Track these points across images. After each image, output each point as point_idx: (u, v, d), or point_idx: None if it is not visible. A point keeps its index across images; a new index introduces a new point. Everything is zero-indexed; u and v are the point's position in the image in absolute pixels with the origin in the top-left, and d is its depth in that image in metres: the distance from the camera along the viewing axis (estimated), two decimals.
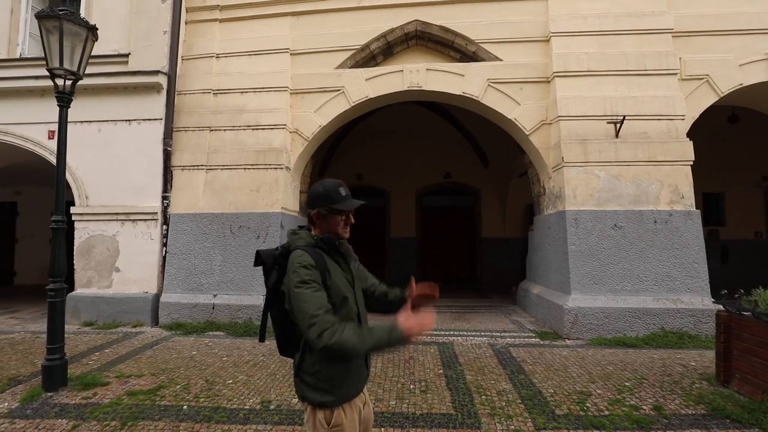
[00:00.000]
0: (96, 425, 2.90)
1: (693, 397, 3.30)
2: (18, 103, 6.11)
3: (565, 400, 3.28)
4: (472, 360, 4.28)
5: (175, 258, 5.89)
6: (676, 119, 5.31)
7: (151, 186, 5.95)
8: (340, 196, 1.52)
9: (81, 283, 5.92)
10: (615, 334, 4.91)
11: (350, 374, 1.46)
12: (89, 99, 5.88)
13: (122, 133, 6.02)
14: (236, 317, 5.61)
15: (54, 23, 3.40)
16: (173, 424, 2.92)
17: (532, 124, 5.76)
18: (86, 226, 5.96)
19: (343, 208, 1.51)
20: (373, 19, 6.10)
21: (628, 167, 5.25)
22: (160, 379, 3.75)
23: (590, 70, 5.50)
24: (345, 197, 1.53)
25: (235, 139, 6.07)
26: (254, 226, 5.83)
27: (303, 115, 6.17)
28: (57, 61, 3.49)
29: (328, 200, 1.50)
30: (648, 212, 5.15)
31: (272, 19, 6.30)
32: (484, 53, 5.93)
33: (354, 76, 6.09)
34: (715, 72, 5.45)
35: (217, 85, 6.23)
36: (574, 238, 5.19)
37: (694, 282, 5.02)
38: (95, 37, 3.73)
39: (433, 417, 3.02)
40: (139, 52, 6.03)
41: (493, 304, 7.65)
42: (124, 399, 3.31)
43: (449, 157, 11.15)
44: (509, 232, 11.02)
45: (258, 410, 3.12)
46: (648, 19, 5.54)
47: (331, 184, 1.53)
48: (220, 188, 5.99)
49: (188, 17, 6.39)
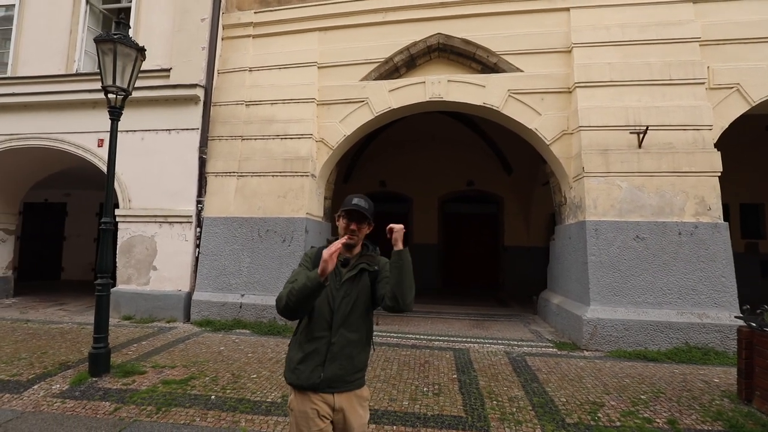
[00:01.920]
0: (134, 409, 3.20)
1: (711, 413, 3.25)
2: (72, 113, 6.72)
3: (577, 409, 3.31)
4: (486, 367, 4.35)
5: (207, 259, 6.27)
6: (703, 129, 5.20)
7: (187, 191, 6.38)
8: (347, 202, 1.72)
9: (122, 279, 6.40)
10: (635, 347, 4.84)
11: (298, 361, 1.63)
12: (134, 110, 6.38)
13: (162, 141, 6.49)
14: (261, 316, 5.90)
15: (110, 46, 3.81)
16: (202, 411, 3.17)
17: (553, 134, 5.79)
18: (128, 227, 6.45)
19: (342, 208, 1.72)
20: (397, 33, 6.32)
21: (651, 178, 5.19)
22: (191, 370, 4.04)
23: (613, 80, 5.48)
24: (348, 203, 1.71)
25: (265, 147, 6.43)
26: (281, 230, 6.13)
27: (328, 125, 6.46)
28: (110, 79, 3.89)
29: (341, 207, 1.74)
30: (672, 224, 5.06)
31: (301, 34, 6.65)
32: (505, 64, 6.02)
33: (378, 87, 6.33)
34: (746, 81, 5.31)
35: (249, 96, 6.62)
36: (594, 248, 5.17)
37: (722, 296, 4.88)
38: (143, 56, 4.13)
39: (444, 418, 3.13)
40: (179, 66, 6.51)
41: (513, 313, 7.63)
42: (159, 387, 3.61)
43: (472, 164, 11.19)
44: (532, 240, 10.91)
45: (279, 403, 3.33)
46: (674, 29, 5.48)
47: (351, 195, 1.75)
48: (250, 194, 6.35)
49: (224, 34, 6.84)
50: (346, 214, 1.70)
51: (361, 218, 1.70)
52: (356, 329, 1.67)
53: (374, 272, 1.73)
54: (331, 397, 1.61)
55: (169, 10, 6.71)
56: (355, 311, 1.67)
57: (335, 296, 1.66)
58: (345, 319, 1.65)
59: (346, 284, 1.68)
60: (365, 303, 1.70)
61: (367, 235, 1.78)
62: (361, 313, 1.69)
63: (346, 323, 1.65)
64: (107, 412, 3.14)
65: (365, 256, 1.76)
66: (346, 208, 1.70)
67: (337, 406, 1.62)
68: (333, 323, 1.64)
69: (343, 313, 1.65)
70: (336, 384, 1.62)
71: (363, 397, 1.72)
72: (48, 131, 6.75)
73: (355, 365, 1.66)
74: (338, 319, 1.64)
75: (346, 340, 1.64)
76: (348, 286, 1.68)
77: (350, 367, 1.64)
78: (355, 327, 1.67)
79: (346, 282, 1.68)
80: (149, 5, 6.82)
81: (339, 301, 1.65)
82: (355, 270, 1.70)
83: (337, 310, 1.64)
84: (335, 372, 1.61)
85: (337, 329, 1.63)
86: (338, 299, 1.66)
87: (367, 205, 1.71)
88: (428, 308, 7.87)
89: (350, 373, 1.65)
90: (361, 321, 1.69)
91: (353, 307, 1.67)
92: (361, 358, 1.69)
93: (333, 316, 1.64)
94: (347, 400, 1.64)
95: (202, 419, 3.05)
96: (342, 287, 1.67)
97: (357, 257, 1.75)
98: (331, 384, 1.61)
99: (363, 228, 1.72)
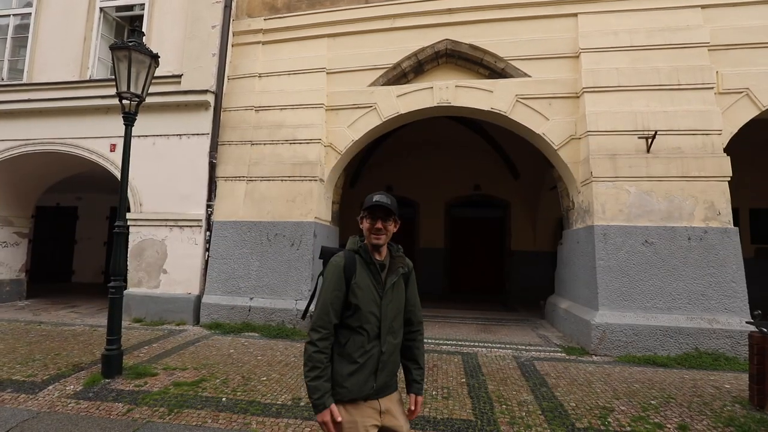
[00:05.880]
0: (147, 410, 3.24)
1: (723, 419, 3.22)
2: (85, 119, 6.86)
3: (587, 414, 3.30)
4: (495, 371, 4.35)
5: (216, 262, 6.34)
6: (712, 134, 5.19)
7: (197, 195, 6.46)
8: (368, 201, 1.60)
9: (133, 282, 6.48)
10: (645, 352, 4.81)
11: (349, 374, 1.55)
12: (146, 116, 6.44)
13: (173, 146, 6.60)
14: (270, 320, 5.95)
15: (124, 53, 3.91)
16: (213, 413, 3.21)
17: (561, 139, 5.80)
18: (139, 230, 6.55)
19: (363, 207, 1.60)
20: (405, 39, 6.39)
21: (660, 183, 5.17)
22: (201, 373, 4.09)
23: (621, 85, 5.49)
24: (369, 201, 1.60)
25: (274, 152, 6.50)
26: (289, 234, 6.19)
27: (337, 130, 6.52)
28: (125, 85, 3.98)
29: (362, 207, 1.63)
30: (681, 229, 5.04)
31: (310, 40, 6.74)
32: (513, 70, 6.06)
33: (385, 93, 6.39)
34: (756, 85, 5.30)
35: (259, 102, 6.71)
36: (603, 253, 5.16)
37: (732, 302, 4.84)
38: (157, 63, 4.22)
39: (454, 422, 3.13)
40: (190, 72, 6.62)
41: (521, 318, 7.60)
42: (171, 389, 3.65)
43: (479, 169, 11.21)
44: (540, 245, 10.88)
45: (289, 406, 3.36)
46: (682, 34, 5.48)
47: (371, 194, 1.64)
48: (259, 198, 6.42)
49: (234, 40, 6.95)
50: (370, 213, 1.58)
51: (386, 214, 1.59)
52: (398, 334, 1.67)
53: (406, 273, 1.71)
54: (377, 402, 1.60)
55: (181, 17, 6.83)
56: (398, 317, 1.66)
57: (381, 305, 1.59)
58: (391, 327, 1.62)
59: (389, 291, 1.62)
60: (403, 307, 1.69)
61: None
62: (401, 318, 1.68)
63: (391, 330, 1.62)
64: (120, 413, 3.19)
65: (397, 258, 1.69)
66: (368, 206, 1.58)
67: (384, 408, 1.60)
68: (381, 332, 1.59)
69: (389, 321, 1.61)
70: (384, 390, 1.62)
71: (400, 398, 1.73)
72: (62, 136, 6.89)
73: (396, 369, 1.68)
74: (385, 327, 1.59)
75: (393, 347, 1.63)
76: (390, 293, 1.62)
77: (394, 372, 1.66)
78: (398, 332, 1.66)
79: (389, 289, 1.62)
80: (161, 13, 6.96)
81: (385, 309, 1.60)
82: (396, 275, 1.64)
83: (384, 318, 1.59)
84: (384, 380, 1.60)
85: (385, 337, 1.59)
86: (384, 307, 1.60)
87: (390, 200, 1.60)
88: (435, 312, 7.87)
89: (393, 376, 1.66)
90: (400, 326, 1.68)
91: (397, 314, 1.65)
92: (399, 361, 1.71)
93: (380, 324, 1.59)
94: (391, 402, 1.64)
95: (213, 421, 3.08)
96: (386, 295, 1.61)
97: (389, 260, 1.67)
98: (380, 391, 1.60)
99: (389, 226, 1.60)
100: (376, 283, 1.60)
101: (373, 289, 1.59)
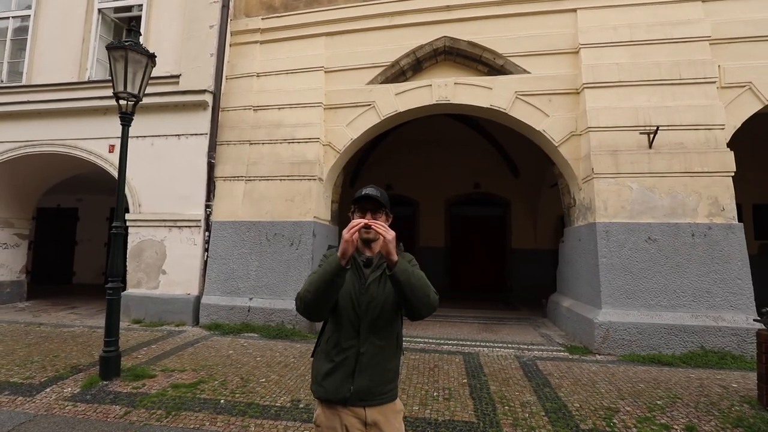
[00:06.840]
0: (144, 413, 3.20)
1: (731, 419, 3.16)
2: (84, 120, 6.84)
3: (591, 414, 3.25)
4: (497, 371, 4.29)
5: (216, 262, 6.30)
6: (715, 129, 5.12)
7: (196, 195, 6.42)
8: (357, 193, 1.56)
9: (132, 283, 6.45)
10: (649, 350, 4.75)
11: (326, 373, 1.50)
12: (144, 116, 6.44)
13: (171, 146, 6.56)
14: (270, 320, 5.90)
15: (121, 53, 3.87)
16: (211, 416, 3.17)
17: (561, 136, 5.74)
18: (138, 231, 6.52)
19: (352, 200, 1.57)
20: (403, 37, 6.34)
21: (662, 178, 5.11)
22: (200, 374, 4.05)
23: (621, 80, 5.43)
24: (358, 194, 1.55)
25: (272, 151, 6.46)
26: (288, 233, 6.15)
27: (335, 129, 6.48)
28: (122, 85, 3.95)
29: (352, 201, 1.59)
30: (685, 225, 4.98)
31: (308, 39, 6.69)
32: (512, 66, 6.00)
33: (384, 91, 6.34)
34: (759, 79, 5.22)
35: (257, 101, 6.67)
36: (605, 250, 5.10)
37: (738, 299, 4.77)
38: (154, 63, 4.18)
39: (455, 424, 3.08)
40: (188, 73, 6.59)
41: (522, 317, 7.54)
42: (169, 391, 3.61)
43: (479, 167, 11.16)
44: (541, 243, 10.82)
45: (288, 408, 3.31)
46: (683, 28, 5.42)
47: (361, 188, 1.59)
48: (258, 198, 6.38)
49: (232, 40, 6.91)
50: (359, 206, 1.53)
51: (375, 207, 1.53)
52: (385, 335, 1.52)
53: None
54: (362, 411, 1.48)
55: (179, 17, 6.80)
56: (384, 316, 1.51)
57: (360, 301, 1.50)
58: (373, 325, 1.50)
59: (372, 287, 1.52)
60: (393, 306, 1.51)
61: None
62: (390, 318, 1.53)
63: (374, 330, 1.50)
64: (118, 416, 3.15)
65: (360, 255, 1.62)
66: (356, 198, 1.54)
67: (370, 420, 1.47)
68: (360, 330, 1.49)
69: (371, 319, 1.49)
70: (367, 397, 1.48)
71: (398, 410, 1.57)
72: (61, 138, 6.87)
73: (387, 376, 1.52)
74: (366, 325, 1.49)
75: (376, 348, 1.50)
76: (374, 288, 1.51)
77: (381, 378, 1.50)
78: (384, 333, 1.52)
79: (372, 284, 1.52)
80: (159, 13, 6.93)
81: (365, 305, 1.50)
82: (379, 270, 1.54)
83: (365, 315, 1.49)
84: (366, 384, 1.47)
85: (366, 337, 1.49)
86: (364, 304, 1.50)
87: (380, 193, 1.54)
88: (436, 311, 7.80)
89: (381, 384, 1.50)
90: (389, 326, 1.53)
91: (381, 312, 1.50)
92: (392, 367, 1.54)
93: (360, 322, 1.49)
94: (381, 414, 1.49)
95: (211, 424, 3.04)
96: (367, 291, 1.51)
97: (379, 255, 1.55)
98: (362, 397, 1.47)
99: (380, 219, 1.53)
100: (356, 278, 1.53)
101: (354, 282, 1.52)
